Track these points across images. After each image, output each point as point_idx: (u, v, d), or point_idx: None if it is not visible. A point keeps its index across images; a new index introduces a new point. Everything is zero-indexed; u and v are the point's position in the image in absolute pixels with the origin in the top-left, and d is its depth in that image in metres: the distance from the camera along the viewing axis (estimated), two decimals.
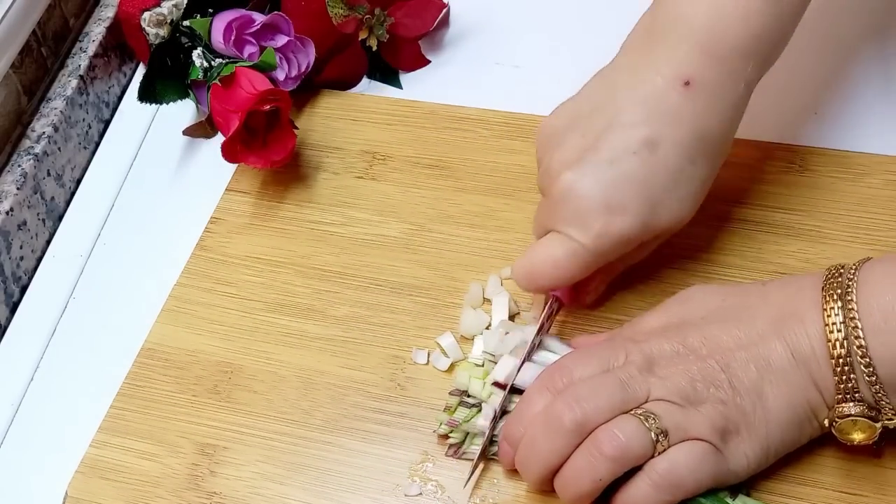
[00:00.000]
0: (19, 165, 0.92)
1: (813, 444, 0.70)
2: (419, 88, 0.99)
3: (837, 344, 0.64)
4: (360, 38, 0.97)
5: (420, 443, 0.76)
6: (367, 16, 0.96)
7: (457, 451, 0.75)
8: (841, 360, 0.64)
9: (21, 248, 0.91)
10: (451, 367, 0.79)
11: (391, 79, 1.00)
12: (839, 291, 0.65)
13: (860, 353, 0.63)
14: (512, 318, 0.80)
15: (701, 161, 0.74)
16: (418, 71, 1.00)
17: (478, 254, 0.85)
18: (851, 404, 0.65)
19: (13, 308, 0.90)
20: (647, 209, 0.73)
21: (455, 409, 0.75)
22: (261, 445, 0.77)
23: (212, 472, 0.76)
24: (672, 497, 0.66)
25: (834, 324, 0.64)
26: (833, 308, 0.65)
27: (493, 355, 0.77)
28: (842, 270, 0.67)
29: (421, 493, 0.73)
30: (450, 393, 0.76)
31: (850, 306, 0.64)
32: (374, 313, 0.83)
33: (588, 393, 0.67)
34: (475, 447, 0.74)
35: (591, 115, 0.74)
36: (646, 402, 0.67)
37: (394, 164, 0.92)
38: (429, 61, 1.01)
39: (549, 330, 0.78)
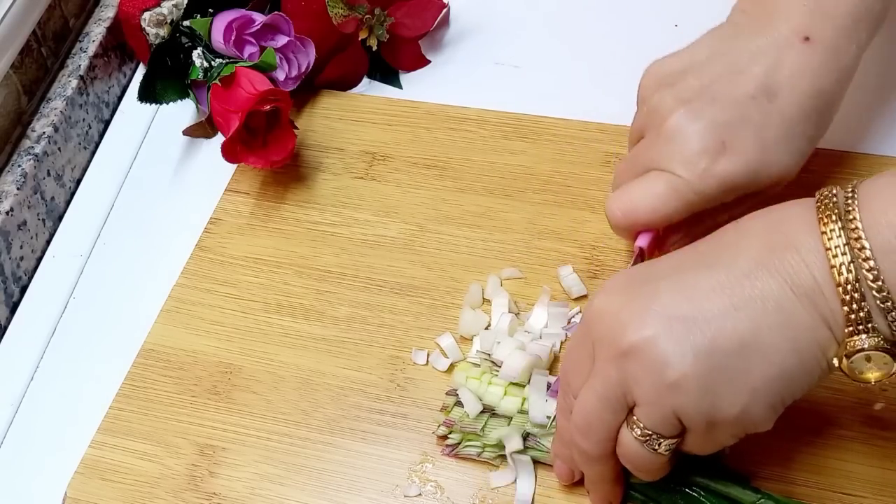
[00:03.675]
0: (19, 165, 0.92)
1: (813, 446, 0.70)
2: (419, 88, 0.99)
3: (844, 269, 0.57)
4: (360, 38, 0.97)
5: (419, 443, 0.76)
6: (367, 16, 0.96)
7: (454, 450, 0.74)
8: (849, 287, 0.57)
9: (21, 248, 0.91)
10: (451, 368, 0.79)
11: (391, 79, 1.00)
12: (836, 212, 0.59)
13: (871, 276, 0.57)
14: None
15: (814, 118, 0.73)
16: (418, 71, 1.00)
17: (477, 254, 0.85)
18: (864, 336, 0.58)
19: (13, 308, 0.90)
20: (758, 155, 0.71)
21: (451, 409, 0.75)
22: (260, 446, 0.77)
23: (211, 472, 0.76)
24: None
25: (837, 247, 0.58)
26: (833, 230, 0.58)
27: (489, 355, 0.77)
28: (835, 191, 0.60)
29: (420, 494, 0.73)
30: (446, 393, 0.76)
31: (852, 226, 0.58)
32: (374, 314, 0.83)
33: (583, 425, 0.64)
34: (472, 447, 0.74)
35: (707, 61, 0.74)
36: (634, 405, 0.62)
37: (393, 164, 0.92)
38: (429, 61, 1.01)
39: None
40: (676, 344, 0.60)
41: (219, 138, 0.94)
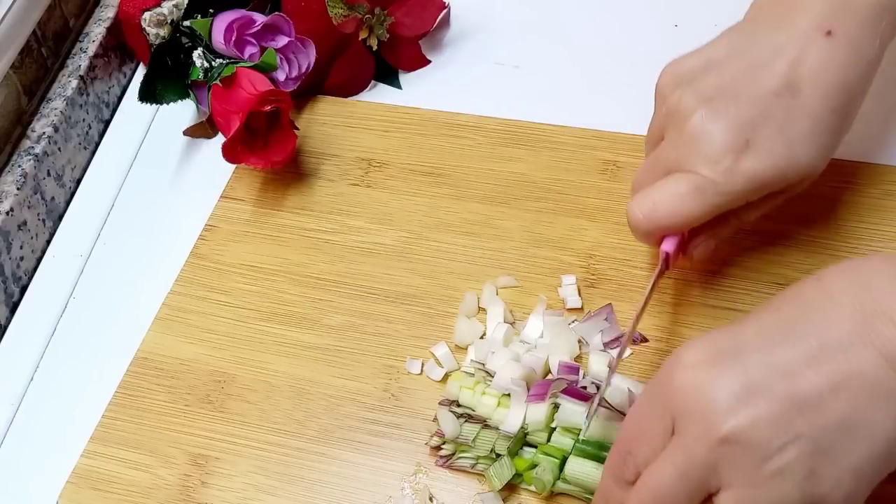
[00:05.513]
0: (19, 165, 0.92)
1: None
2: (419, 88, 0.98)
3: None
4: (360, 38, 0.96)
5: (413, 454, 0.76)
6: (367, 15, 0.95)
7: (448, 461, 0.74)
8: None
9: (21, 248, 0.91)
10: (446, 377, 0.78)
11: (391, 79, 0.99)
12: None
13: None
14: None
15: (840, 112, 0.72)
16: (418, 71, 1.00)
17: (473, 262, 0.84)
18: None
19: (13, 308, 0.91)
20: (784, 151, 0.70)
21: None
22: (253, 456, 0.77)
23: (203, 482, 0.76)
24: None
25: None
26: None
27: (483, 365, 0.76)
28: None
29: None
30: (440, 403, 0.76)
31: None
32: (369, 322, 0.82)
33: (652, 501, 0.59)
34: (465, 458, 0.74)
35: (728, 58, 0.73)
36: (717, 490, 0.58)
37: (390, 171, 0.91)
38: (429, 61, 1.00)
39: (655, 291, 0.75)
40: (778, 430, 0.56)
41: (219, 139, 0.94)
